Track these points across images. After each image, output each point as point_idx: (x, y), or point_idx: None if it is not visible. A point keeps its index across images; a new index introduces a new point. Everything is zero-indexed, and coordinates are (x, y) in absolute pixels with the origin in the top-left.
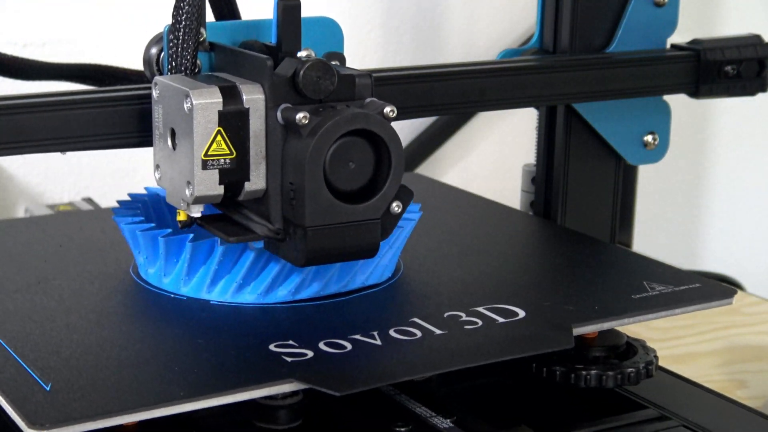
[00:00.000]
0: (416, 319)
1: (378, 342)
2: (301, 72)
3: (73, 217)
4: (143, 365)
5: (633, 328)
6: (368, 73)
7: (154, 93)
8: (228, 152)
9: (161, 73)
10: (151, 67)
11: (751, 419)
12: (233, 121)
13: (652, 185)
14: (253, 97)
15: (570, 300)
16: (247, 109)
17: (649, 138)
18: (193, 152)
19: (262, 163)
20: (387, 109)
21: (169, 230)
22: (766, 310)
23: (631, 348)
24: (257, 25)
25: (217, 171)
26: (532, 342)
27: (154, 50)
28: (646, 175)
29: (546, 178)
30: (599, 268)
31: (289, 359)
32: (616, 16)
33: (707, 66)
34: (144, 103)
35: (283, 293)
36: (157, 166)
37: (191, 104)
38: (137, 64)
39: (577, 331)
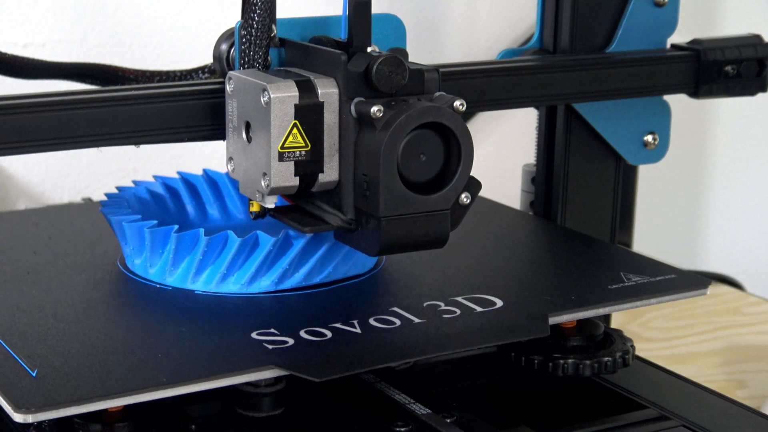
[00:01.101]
0: (396, 309)
1: (357, 330)
2: (374, 67)
3: (64, 211)
4: (128, 353)
5: (632, 327)
6: (435, 68)
7: (228, 87)
8: (303, 145)
9: (231, 69)
10: (221, 63)
11: (751, 419)
12: (309, 115)
13: (652, 185)
14: (327, 90)
15: (548, 290)
16: (322, 103)
17: (649, 138)
18: (270, 145)
19: (335, 155)
20: (456, 103)
21: (155, 222)
22: (766, 310)
23: (609, 337)
24: (325, 21)
25: (292, 163)
26: (508, 330)
27: (224, 46)
28: (646, 175)
29: (546, 178)
30: (580, 261)
31: (270, 347)
32: (616, 16)
33: (707, 66)
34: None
35: (266, 283)
36: (229, 159)
37: (269, 98)
38: (138, 64)
39: (553, 320)
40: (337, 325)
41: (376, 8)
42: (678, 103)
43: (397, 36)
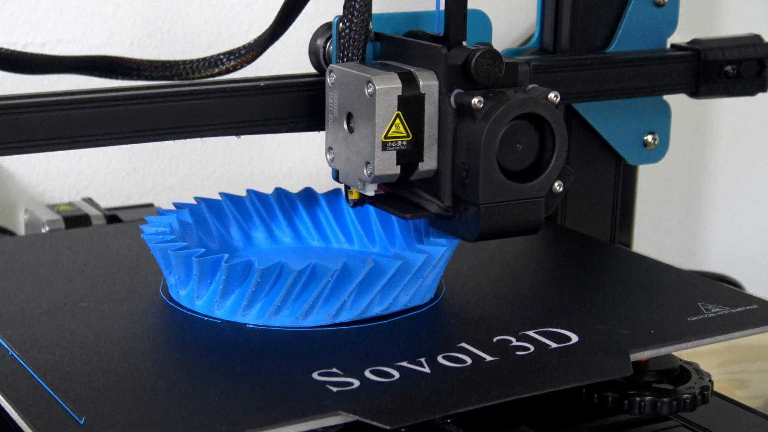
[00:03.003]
0: (464, 344)
1: (426, 369)
2: (474, 60)
3: (96, 233)
4: (181, 396)
5: None
6: (527, 61)
7: (329, 80)
8: (405, 135)
9: (327, 63)
10: (317, 56)
11: (751, 419)
12: (411, 106)
13: (652, 185)
14: (428, 83)
15: (623, 323)
16: (423, 94)
17: (649, 138)
18: (374, 135)
19: (435, 144)
20: (551, 95)
21: (202, 250)
22: None
23: (685, 372)
24: (417, 16)
25: (395, 152)
26: (589, 370)
27: (320, 41)
28: (646, 175)
29: None
30: (651, 288)
31: (334, 389)
32: (616, 16)
33: (707, 66)
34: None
35: (322, 316)
36: (329, 149)
37: (373, 89)
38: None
39: (634, 356)
40: (404, 363)
41: (375, 8)
42: (678, 103)
43: (483, 30)
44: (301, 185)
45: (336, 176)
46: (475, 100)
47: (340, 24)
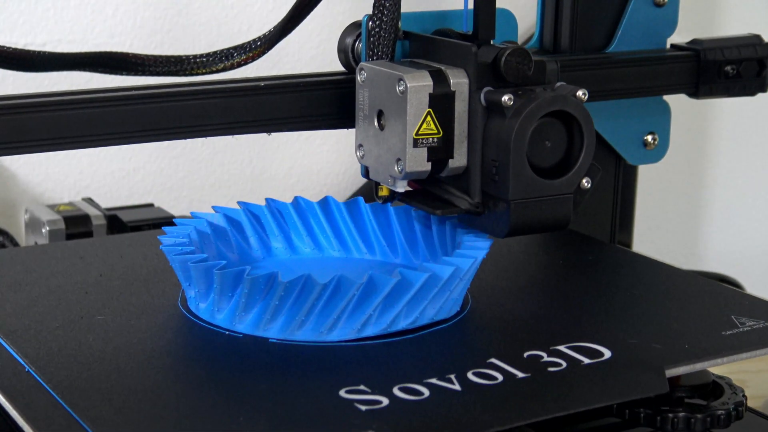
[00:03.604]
0: (494, 360)
1: (457, 387)
2: (503, 58)
3: (111, 243)
4: (205, 415)
5: None
6: (555, 60)
7: (359, 78)
8: (436, 132)
9: (357, 61)
10: (346, 55)
11: (751, 419)
12: (442, 103)
13: (652, 185)
14: (458, 80)
15: (656, 337)
16: (454, 92)
17: (649, 138)
18: (406, 132)
19: (464, 141)
20: (579, 92)
21: (223, 262)
22: None
23: (718, 387)
24: (444, 15)
25: (425, 149)
26: (624, 387)
27: (349, 39)
28: (646, 175)
29: None
30: (679, 299)
31: (362, 407)
32: (616, 16)
33: (707, 66)
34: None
35: (347, 331)
36: (359, 146)
37: (405, 87)
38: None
39: (670, 372)
40: (434, 380)
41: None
42: (678, 103)
43: (509, 29)
44: (301, 185)
45: (365, 173)
46: (505, 98)
47: (370, 23)
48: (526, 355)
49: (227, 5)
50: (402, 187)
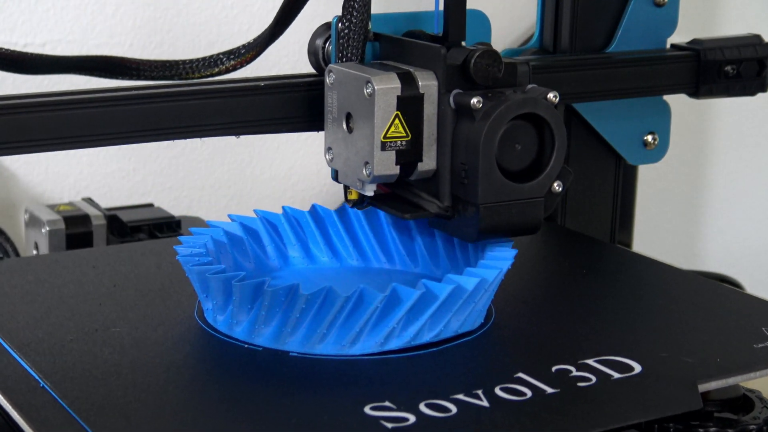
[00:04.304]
0: (522, 375)
1: (485, 403)
2: (473, 60)
3: (124, 252)
4: None
5: None
6: (526, 62)
7: (328, 80)
8: (404, 135)
9: (326, 63)
10: (317, 57)
11: None
12: (410, 106)
13: (652, 185)
14: (427, 83)
15: (687, 350)
16: (422, 95)
17: (649, 138)
18: (373, 135)
19: (434, 144)
20: (550, 95)
21: (242, 273)
22: None
23: (748, 400)
24: (415, 16)
25: (394, 152)
26: (656, 403)
27: (319, 41)
28: (646, 175)
29: None
30: (706, 309)
31: (389, 425)
32: (616, 16)
33: (707, 66)
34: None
35: (369, 344)
36: (328, 149)
37: (372, 90)
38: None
39: (702, 387)
40: (460, 396)
41: (375, 9)
42: (678, 103)
43: (482, 31)
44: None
45: (335, 176)
46: (474, 100)
47: (339, 24)
48: (554, 369)
49: (227, 5)
50: (370, 190)
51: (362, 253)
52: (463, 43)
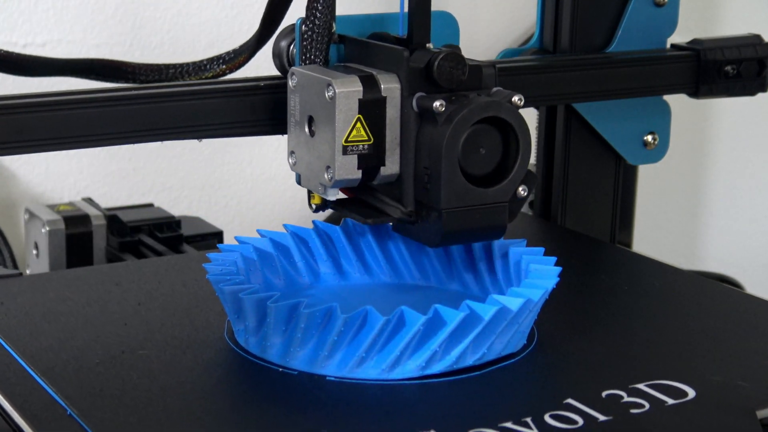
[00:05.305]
0: (571, 401)
1: (535, 431)
2: (436, 62)
3: (148, 268)
4: None
5: None
6: (492, 64)
7: (291, 83)
8: (366, 138)
9: (291, 65)
10: (281, 59)
11: None
12: (372, 109)
13: (652, 185)
14: (390, 86)
15: (740, 373)
16: (385, 98)
17: (649, 138)
18: (335, 139)
19: (397, 148)
20: (515, 98)
21: (276, 294)
22: None
23: None
24: (381, 18)
25: (356, 156)
26: (715, 431)
27: (284, 43)
28: (646, 175)
29: (546, 178)
30: (751, 327)
31: None
32: (616, 16)
33: (707, 66)
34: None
35: (410, 368)
36: (291, 153)
37: (333, 93)
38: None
39: (761, 414)
40: (509, 424)
41: (374, 9)
42: (678, 103)
43: (450, 32)
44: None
45: (299, 180)
46: (436, 104)
47: (303, 26)
48: (604, 394)
49: (227, 5)
50: (333, 195)
51: (395, 268)
52: (430, 45)
